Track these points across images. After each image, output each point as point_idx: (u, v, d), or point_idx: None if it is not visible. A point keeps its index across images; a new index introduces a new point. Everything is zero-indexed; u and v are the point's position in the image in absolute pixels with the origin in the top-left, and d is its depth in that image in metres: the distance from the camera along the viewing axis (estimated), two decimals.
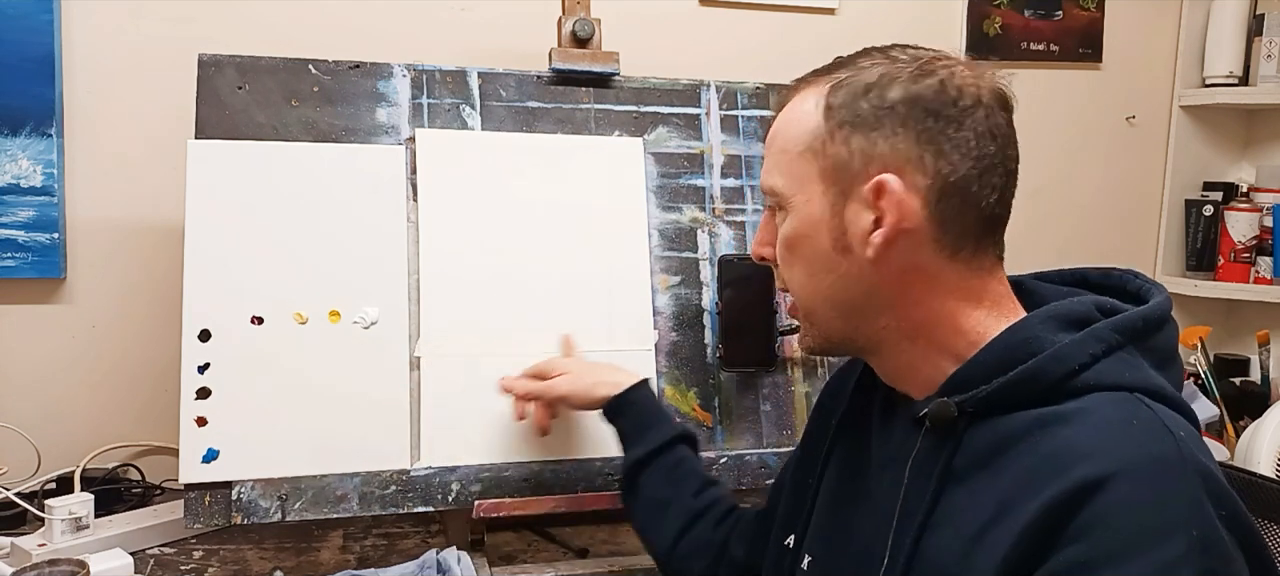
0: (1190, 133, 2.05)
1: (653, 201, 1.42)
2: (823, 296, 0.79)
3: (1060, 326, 0.73)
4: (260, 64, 1.32)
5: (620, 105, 1.44)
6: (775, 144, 0.81)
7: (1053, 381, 0.70)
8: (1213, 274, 2.00)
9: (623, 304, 1.36)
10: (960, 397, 0.72)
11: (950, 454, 0.73)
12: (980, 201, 0.75)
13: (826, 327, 0.81)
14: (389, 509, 1.23)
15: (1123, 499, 0.62)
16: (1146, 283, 0.80)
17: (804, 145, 0.78)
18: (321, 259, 1.27)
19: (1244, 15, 1.97)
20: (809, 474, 0.92)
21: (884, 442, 0.83)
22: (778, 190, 0.80)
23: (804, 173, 0.78)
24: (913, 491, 0.75)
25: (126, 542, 1.25)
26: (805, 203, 0.78)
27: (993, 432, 0.71)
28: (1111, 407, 0.68)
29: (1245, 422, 1.67)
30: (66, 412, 1.51)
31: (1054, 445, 0.67)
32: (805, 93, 0.79)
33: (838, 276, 0.77)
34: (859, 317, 0.78)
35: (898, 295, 0.76)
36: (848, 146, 0.75)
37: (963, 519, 0.70)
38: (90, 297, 1.52)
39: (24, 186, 1.46)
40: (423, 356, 1.28)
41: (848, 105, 0.75)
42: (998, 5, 1.91)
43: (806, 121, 0.78)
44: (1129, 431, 0.66)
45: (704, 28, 1.77)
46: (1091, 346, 0.70)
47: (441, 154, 1.35)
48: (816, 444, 0.93)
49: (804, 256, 0.79)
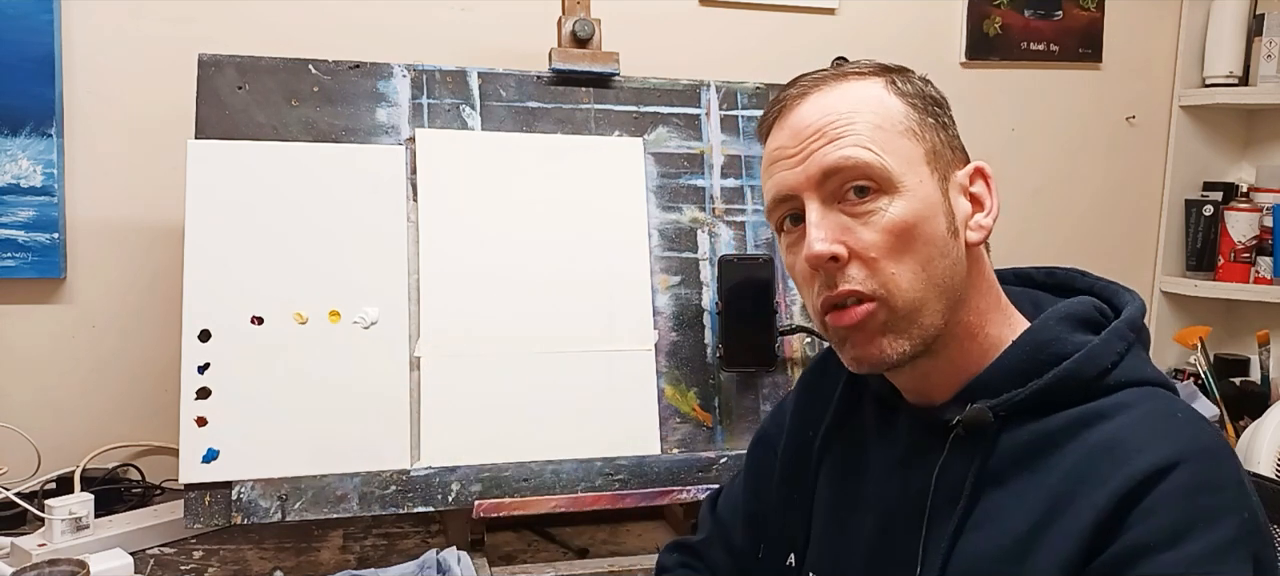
0: (1190, 133, 2.05)
1: (653, 201, 1.42)
2: (936, 285, 0.73)
3: (1075, 327, 0.74)
4: (260, 64, 1.32)
5: (620, 105, 1.44)
6: (861, 121, 0.73)
7: (1087, 381, 0.71)
8: (1213, 274, 2.00)
9: (623, 304, 1.36)
10: (994, 403, 0.72)
11: (984, 457, 0.73)
12: None
13: (932, 322, 0.74)
14: (389, 509, 1.23)
15: (1183, 484, 0.64)
16: (1094, 279, 0.82)
17: (903, 126, 0.74)
18: (321, 259, 1.27)
19: (1244, 15, 1.97)
20: (795, 489, 0.90)
21: (887, 448, 0.82)
22: (888, 170, 0.72)
23: (911, 154, 0.74)
24: (942, 496, 0.74)
25: (126, 542, 1.25)
26: (919, 184, 0.73)
27: (1029, 434, 0.72)
28: (1150, 402, 0.70)
29: (1245, 422, 1.67)
30: (66, 412, 1.51)
31: (1102, 439, 0.68)
32: (848, 83, 0.76)
33: (951, 262, 0.74)
34: (955, 308, 0.75)
35: (972, 285, 0.76)
36: (937, 134, 0.76)
37: (1008, 519, 0.70)
38: (90, 297, 1.52)
39: (24, 186, 1.46)
40: (423, 356, 1.28)
41: (918, 95, 0.76)
42: (998, 5, 1.91)
43: (892, 104, 0.75)
44: (1176, 422, 0.69)
45: (704, 28, 1.77)
46: (1116, 345, 0.73)
47: (441, 154, 1.35)
48: (803, 459, 0.90)
49: (921, 241, 0.73)
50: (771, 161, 0.78)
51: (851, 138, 0.73)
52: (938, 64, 1.89)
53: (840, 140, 0.73)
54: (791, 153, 0.75)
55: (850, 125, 0.73)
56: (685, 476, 1.33)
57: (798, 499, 0.89)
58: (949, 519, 0.73)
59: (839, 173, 0.73)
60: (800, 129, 0.75)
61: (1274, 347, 1.88)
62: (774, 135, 0.78)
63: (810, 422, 0.90)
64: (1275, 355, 1.88)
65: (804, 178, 0.74)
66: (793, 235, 0.78)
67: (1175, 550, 0.63)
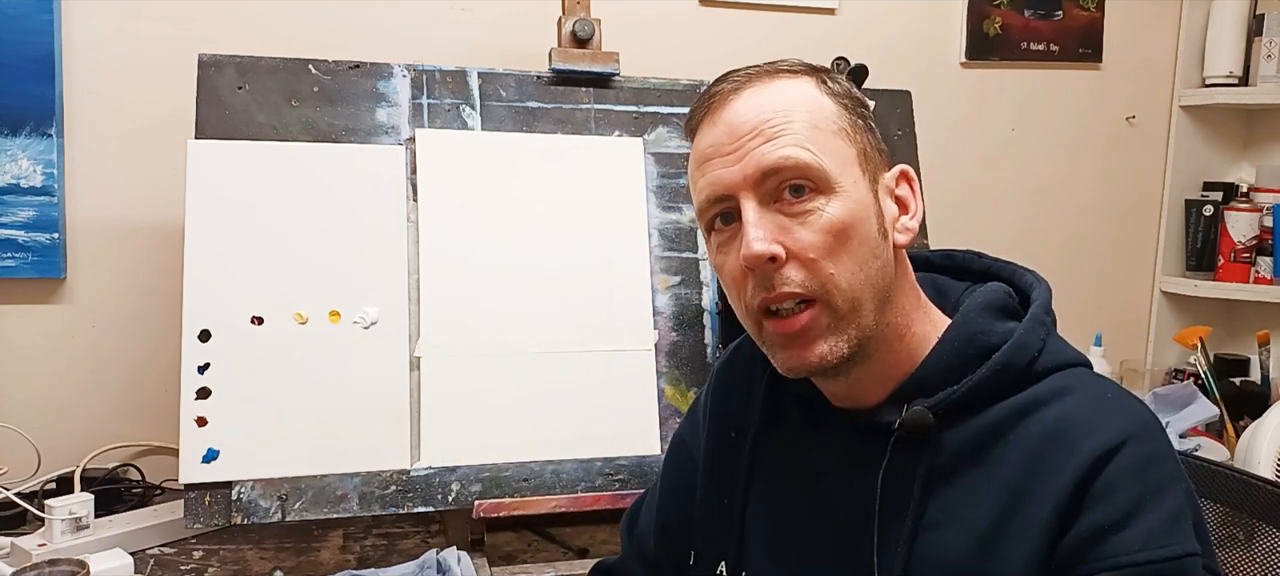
0: (1190, 133, 2.05)
1: (653, 201, 1.42)
2: (871, 285, 0.73)
3: (996, 316, 0.76)
4: (260, 64, 1.32)
5: (620, 105, 1.44)
6: (797, 121, 0.72)
7: (1019, 370, 0.73)
8: (1213, 274, 2.00)
9: (623, 304, 1.36)
10: (930, 402, 0.73)
11: (929, 456, 0.73)
12: None
13: (867, 322, 0.73)
14: (389, 509, 1.23)
15: (1132, 461, 0.67)
16: (991, 260, 0.84)
17: (836, 127, 0.73)
18: (321, 259, 1.27)
19: (1244, 15, 1.97)
20: (726, 494, 0.86)
21: (824, 451, 0.80)
22: (825, 170, 0.71)
23: (844, 154, 0.73)
24: (889, 498, 0.73)
25: (126, 542, 1.24)
26: (853, 184, 0.73)
27: (971, 430, 0.72)
28: (1082, 383, 0.72)
29: (1245, 422, 1.66)
30: (66, 412, 1.51)
31: (1047, 427, 0.70)
32: (780, 81, 0.75)
33: (882, 263, 0.74)
34: (884, 309, 0.74)
35: (897, 287, 0.76)
36: (866, 136, 0.75)
37: (965, 517, 0.70)
38: (90, 297, 1.52)
39: (24, 186, 1.46)
40: (423, 356, 1.28)
41: (847, 96, 0.75)
42: (998, 5, 1.91)
43: (825, 104, 0.74)
44: (1112, 401, 0.71)
45: (704, 28, 1.77)
46: (1038, 331, 0.74)
47: (441, 154, 1.35)
48: (729, 461, 0.86)
49: (856, 241, 0.72)
50: (704, 159, 0.75)
51: (789, 137, 0.71)
52: (938, 64, 1.89)
53: (778, 139, 0.71)
54: (727, 150, 0.73)
55: (787, 123, 0.71)
56: None
57: (727, 505, 0.85)
58: (901, 521, 0.72)
59: (778, 172, 0.71)
60: (736, 126, 0.73)
61: (1274, 347, 1.88)
62: (705, 132, 0.75)
63: (732, 424, 0.87)
64: (1275, 355, 1.88)
65: (741, 177, 0.72)
66: (723, 235, 0.75)
67: (1134, 526, 0.65)
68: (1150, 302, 2.08)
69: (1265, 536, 1.09)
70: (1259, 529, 1.10)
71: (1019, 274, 0.81)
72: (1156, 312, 2.07)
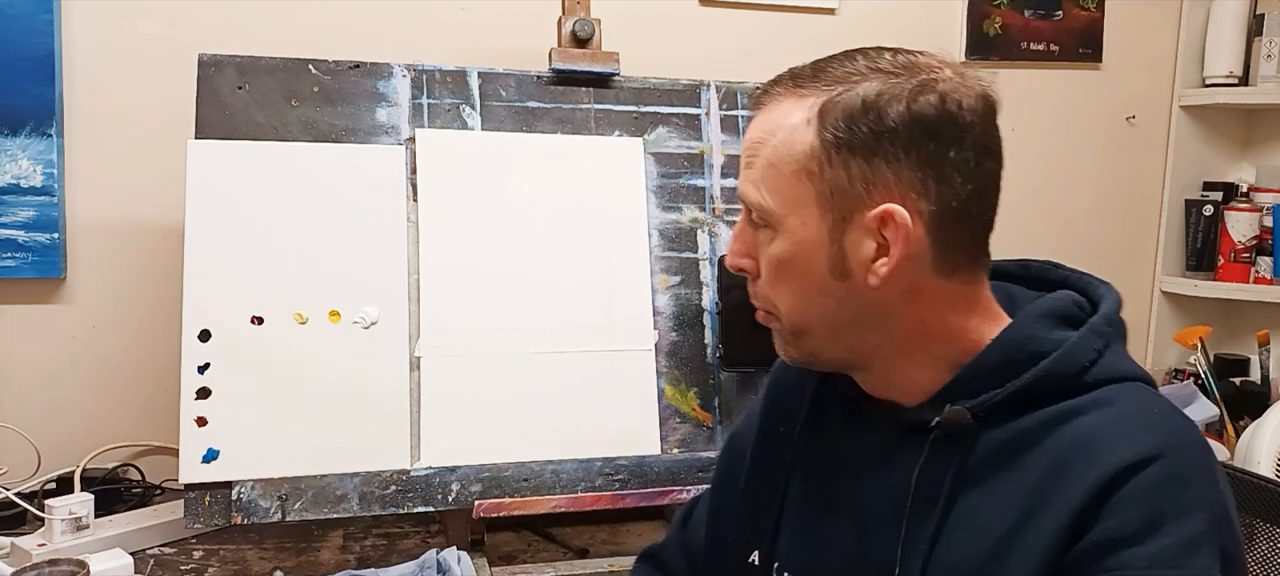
0: (1190, 133, 2.05)
1: (653, 201, 1.42)
2: (816, 316, 0.76)
3: (1054, 324, 0.75)
4: (260, 64, 1.32)
5: (620, 105, 1.44)
6: (761, 156, 0.75)
7: (1066, 378, 0.71)
8: (1213, 274, 2.00)
9: (623, 304, 1.36)
10: (971, 403, 0.72)
11: (962, 458, 0.73)
12: (979, 220, 0.75)
13: (817, 346, 0.77)
14: (389, 509, 1.23)
15: (1156, 478, 0.65)
16: (1069, 271, 0.82)
17: (798, 165, 0.73)
18: (321, 259, 1.27)
19: (1244, 15, 1.97)
20: (765, 485, 0.88)
21: (859, 449, 0.81)
22: (767, 209, 0.74)
23: (798, 195, 0.73)
24: (921, 497, 0.74)
25: (126, 542, 1.25)
26: (800, 226, 0.73)
27: (1007, 433, 0.72)
28: (1129, 396, 0.71)
29: (1245, 422, 1.67)
30: (66, 412, 1.51)
31: (1078, 435, 0.69)
32: (789, 102, 0.74)
33: (834, 299, 0.74)
34: (851, 337, 0.76)
35: (892, 314, 0.74)
36: (847, 171, 0.71)
37: (985, 519, 0.70)
38: (90, 298, 1.52)
39: (24, 186, 1.46)
40: (423, 356, 1.28)
41: (845, 126, 0.71)
42: (998, 5, 1.91)
43: (799, 139, 0.73)
44: (1151, 416, 0.69)
45: (704, 28, 1.77)
46: (1095, 342, 0.73)
47: (441, 154, 1.35)
48: (773, 454, 0.88)
49: (796, 278, 0.75)
50: None
51: (752, 170, 0.76)
52: None
53: (748, 171, 0.76)
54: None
55: (754, 158, 0.76)
56: (685, 476, 1.33)
57: (766, 496, 0.88)
58: (928, 520, 0.73)
59: (741, 200, 0.78)
60: (744, 143, 0.79)
61: (1274, 347, 1.88)
62: None
63: (780, 418, 0.89)
64: (1275, 355, 1.88)
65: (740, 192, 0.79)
66: None
67: (1146, 544, 0.64)
68: (1150, 302, 2.08)
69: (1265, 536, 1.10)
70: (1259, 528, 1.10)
71: (1093, 285, 0.80)
72: (1156, 312, 2.07)
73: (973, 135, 0.72)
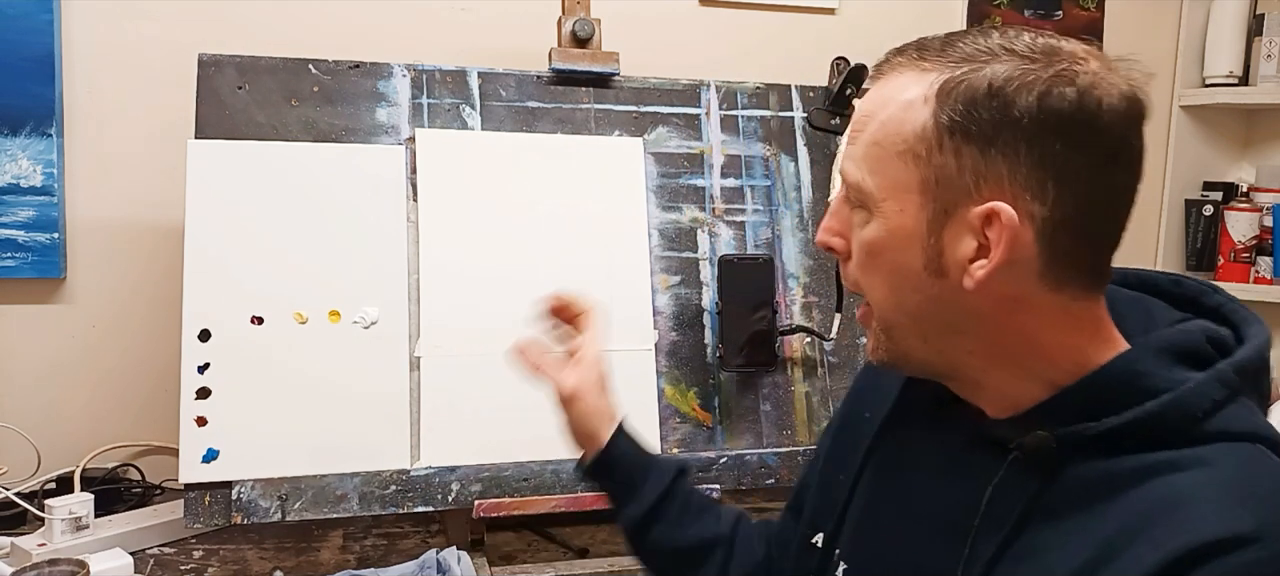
0: (1190, 133, 2.05)
1: (653, 201, 1.42)
2: (906, 313, 0.70)
3: (1174, 361, 0.66)
4: (260, 64, 1.32)
5: (620, 105, 1.44)
6: (867, 132, 0.68)
7: (1173, 426, 0.63)
8: (1213, 274, 2.00)
9: (623, 304, 1.36)
10: (1061, 431, 0.65)
11: (1041, 486, 0.66)
12: (1100, 234, 0.68)
13: (905, 345, 0.71)
14: (389, 509, 1.23)
15: (1246, 565, 0.57)
16: (1223, 298, 0.74)
17: (905, 145, 0.66)
18: (321, 259, 1.27)
19: (1244, 15, 1.97)
20: (841, 469, 0.85)
21: (938, 453, 0.77)
22: (865, 190, 0.68)
23: (900, 178, 0.67)
24: (991, 517, 0.68)
25: (126, 542, 1.25)
26: (898, 212, 0.67)
27: (1094, 472, 0.65)
28: (1236, 461, 0.62)
29: None
30: (66, 412, 1.51)
31: (1168, 493, 0.61)
32: (909, 75, 0.67)
33: (925, 297, 0.68)
34: (942, 340, 0.70)
35: (988, 321, 0.68)
36: (958, 159, 0.64)
37: (1051, 560, 0.64)
38: (90, 298, 1.52)
39: (24, 186, 1.46)
40: (422, 356, 1.28)
41: (964, 109, 0.64)
42: (998, 5, 1.91)
43: (910, 117, 0.66)
44: (1260, 489, 0.61)
45: (704, 28, 1.77)
46: (1216, 392, 0.64)
47: (441, 154, 1.35)
48: (854, 440, 0.85)
49: (887, 268, 0.69)
50: None
51: (855, 147, 0.70)
52: None
53: (851, 147, 0.71)
54: None
55: (861, 133, 0.70)
56: None
57: (840, 481, 0.84)
58: (992, 541, 0.67)
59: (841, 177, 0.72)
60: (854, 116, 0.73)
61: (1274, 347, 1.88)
62: None
63: (868, 406, 0.86)
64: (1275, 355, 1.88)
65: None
66: None
67: None
68: None
69: None
70: None
71: (1245, 321, 0.71)
72: None
73: (1107, 140, 0.65)
